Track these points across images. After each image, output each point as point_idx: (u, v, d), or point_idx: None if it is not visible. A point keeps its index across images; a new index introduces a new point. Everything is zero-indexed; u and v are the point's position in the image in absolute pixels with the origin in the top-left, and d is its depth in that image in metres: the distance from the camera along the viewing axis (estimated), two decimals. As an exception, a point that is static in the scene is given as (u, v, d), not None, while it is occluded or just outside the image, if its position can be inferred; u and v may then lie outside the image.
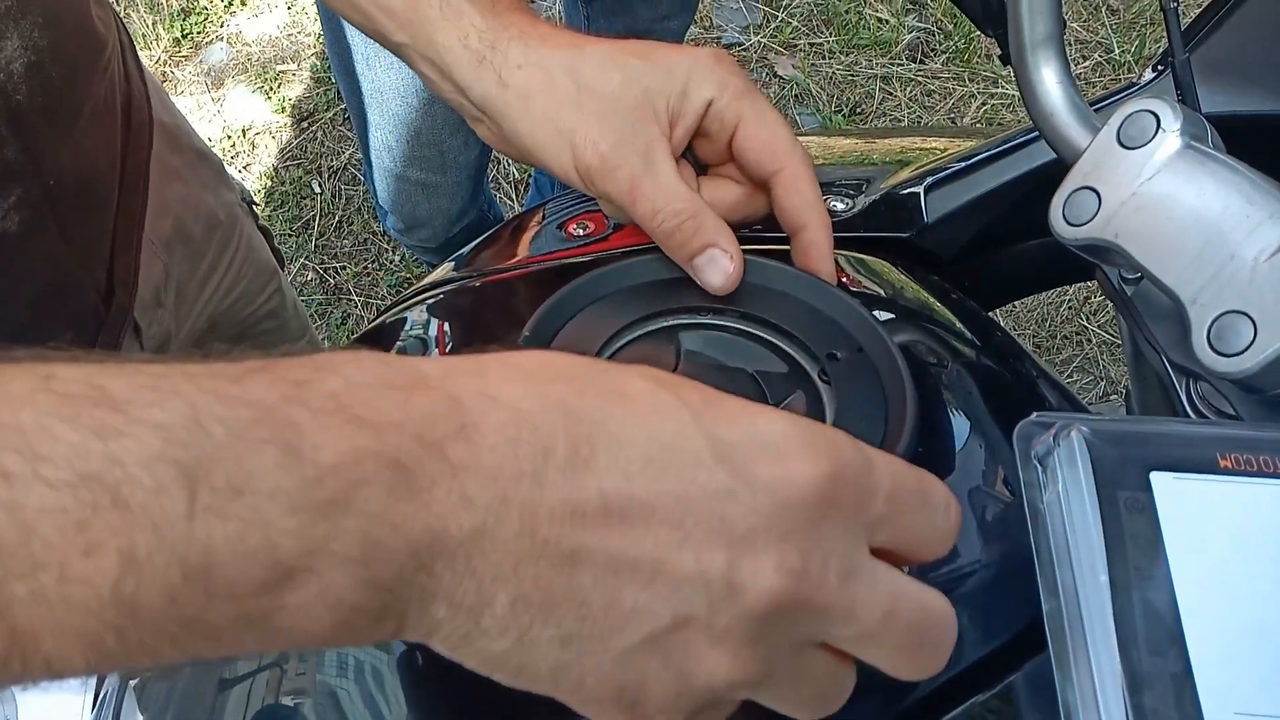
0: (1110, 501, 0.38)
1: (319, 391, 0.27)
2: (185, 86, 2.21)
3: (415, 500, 0.27)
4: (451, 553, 0.28)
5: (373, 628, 0.28)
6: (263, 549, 0.25)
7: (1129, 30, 2.26)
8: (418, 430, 0.28)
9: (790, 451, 0.30)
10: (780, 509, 0.29)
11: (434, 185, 1.39)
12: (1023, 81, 0.51)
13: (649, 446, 0.29)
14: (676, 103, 0.49)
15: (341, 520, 0.26)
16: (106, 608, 0.24)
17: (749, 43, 2.24)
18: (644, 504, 0.29)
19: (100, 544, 0.24)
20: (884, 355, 0.46)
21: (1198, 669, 0.35)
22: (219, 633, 0.26)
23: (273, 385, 0.27)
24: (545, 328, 0.47)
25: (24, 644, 0.24)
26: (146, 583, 0.24)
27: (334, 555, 0.26)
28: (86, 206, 0.65)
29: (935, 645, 0.32)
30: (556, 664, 0.29)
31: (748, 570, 0.29)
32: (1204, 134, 0.46)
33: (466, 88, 0.50)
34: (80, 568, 0.24)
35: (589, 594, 0.29)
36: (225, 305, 0.92)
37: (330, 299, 1.96)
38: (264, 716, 0.51)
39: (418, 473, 0.27)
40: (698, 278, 0.48)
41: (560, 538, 0.28)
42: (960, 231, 0.64)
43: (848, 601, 0.30)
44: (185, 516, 0.25)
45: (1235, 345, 0.41)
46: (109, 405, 0.25)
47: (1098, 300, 1.91)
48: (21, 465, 0.24)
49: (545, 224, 0.66)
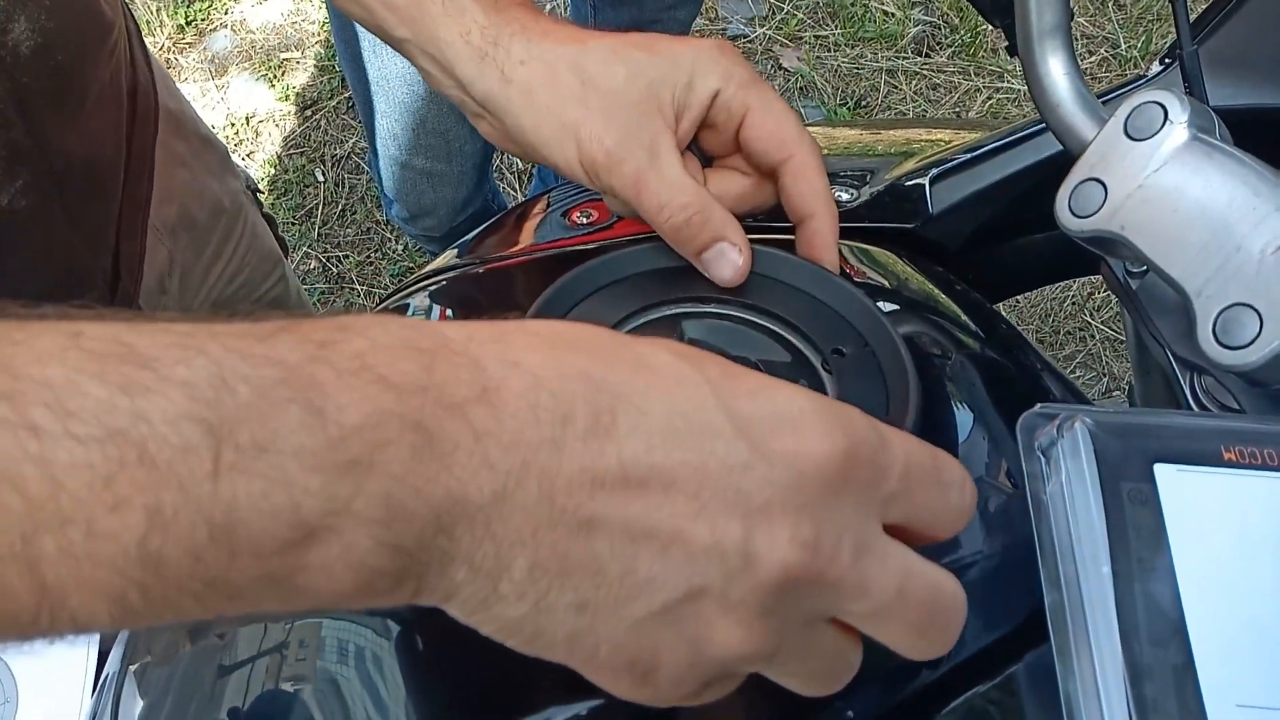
0: (1114, 493, 0.38)
1: (344, 352, 0.27)
2: (189, 73, 2.20)
3: (437, 463, 0.27)
4: (471, 517, 0.28)
5: (393, 589, 0.28)
6: (286, 508, 0.26)
7: (1135, 26, 2.26)
8: (440, 393, 0.28)
9: (807, 426, 0.30)
10: (796, 482, 0.30)
11: (439, 174, 1.39)
12: (1030, 72, 0.51)
13: (669, 417, 0.30)
14: (682, 95, 0.48)
15: (364, 481, 0.26)
16: (132, 564, 0.25)
17: (754, 35, 2.24)
18: (663, 473, 0.29)
19: (127, 500, 0.24)
20: (887, 345, 0.46)
21: (1200, 661, 0.35)
22: (242, 591, 0.26)
23: (298, 345, 0.27)
24: (548, 314, 0.46)
25: (52, 599, 0.25)
26: (172, 540, 0.25)
27: (356, 516, 0.27)
28: (92, 191, 0.65)
29: (945, 625, 0.33)
30: (572, 631, 0.30)
31: (763, 542, 0.29)
32: (1211, 126, 0.45)
33: (469, 84, 0.50)
34: (107, 523, 0.24)
35: (605, 561, 0.29)
36: (229, 293, 0.92)
37: (333, 288, 1.96)
38: (264, 702, 0.51)
39: (440, 436, 0.27)
40: (706, 271, 0.48)
41: (578, 505, 0.29)
42: (965, 223, 0.64)
43: (860, 577, 0.31)
44: (210, 475, 0.25)
45: (1241, 338, 0.41)
46: (136, 362, 0.25)
47: (1101, 296, 1.91)
48: (51, 420, 0.24)
49: (549, 212, 0.66)
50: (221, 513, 0.25)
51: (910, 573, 0.32)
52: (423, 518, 0.27)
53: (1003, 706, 0.42)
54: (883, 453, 0.32)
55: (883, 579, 0.31)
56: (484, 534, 0.28)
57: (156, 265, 0.77)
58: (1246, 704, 0.34)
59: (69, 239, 0.63)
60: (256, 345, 0.27)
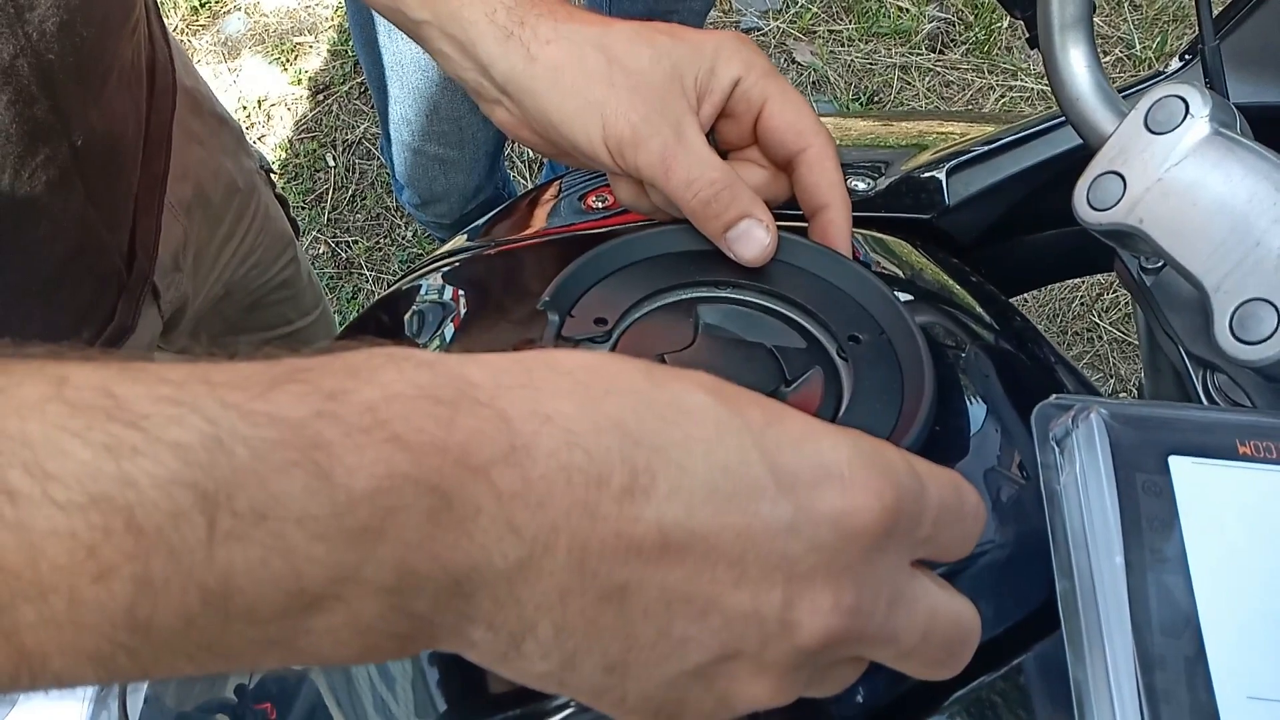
0: (1128, 484, 0.38)
1: (354, 404, 0.25)
2: (202, 56, 2.20)
3: (457, 529, 0.26)
4: (493, 583, 0.26)
5: (403, 648, 0.27)
6: (287, 576, 0.24)
7: (1151, 26, 2.25)
8: (462, 453, 0.26)
9: (853, 481, 0.29)
10: (841, 545, 0.29)
11: (451, 161, 1.39)
12: (1050, 64, 0.51)
13: (711, 474, 0.28)
14: (705, 79, 0.49)
15: (375, 548, 0.25)
16: (119, 630, 0.23)
17: (768, 28, 2.23)
18: (705, 539, 0.28)
19: (113, 569, 0.23)
20: (903, 333, 0.46)
21: (1211, 652, 0.35)
22: (239, 653, 0.25)
23: (303, 397, 0.25)
24: (564, 295, 0.47)
25: (32, 662, 0.23)
26: (162, 606, 0.23)
27: (365, 584, 0.25)
28: (112, 168, 0.65)
29: (961, 654, 0.33)
30: (599, 686, 0.29)
31: (805, 609, 0.29)
32: (1233, 121, 0.45)
33: (490, 63, 0.49)
34: (92, 592, 0.23)
35: (638, 625, 0.28)
36: (241, 273, 0.92)
37: (342, 273, 1.97)
38: (270, 678, 0.51)
39: (460, 499, 0.26)
40: (731, 250, 0.48)
41: (611, 570, 0.27)
42: (981, 216, 0.64)
43: (892, 629, 0.30)
44: (204, 542, 0.23)
45: (1258, 333, 0.41)
46: (124, 419, 0.24)
47: (1110, 297, 1.90)
48: (29, 484, 0.23)
49: (563, 197, 0.66)
50: (216, 580, 0.24)
51: (935, 613, 0.31)
52: (439, 583, 0.26)
53: (1010, 695, 0.42)
54: (921, 500, 0.31)
55: (911, 627, 0.31)
56: (506, 599, 0.27)
57: (171, 242, 0.77)
58: (1258, 696, 0.34)
59: (87, 215, 0.63)
60: (255, 400, 0.25)
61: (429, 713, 0.44)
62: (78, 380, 0.24)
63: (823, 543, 0.28)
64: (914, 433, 0.42)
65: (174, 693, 0.55)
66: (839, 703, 0.40)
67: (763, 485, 0.28)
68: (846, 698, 0.40)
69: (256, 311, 0.98)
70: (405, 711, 0.44)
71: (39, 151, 0.57)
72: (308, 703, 0.48)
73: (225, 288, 0.91)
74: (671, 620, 0.28)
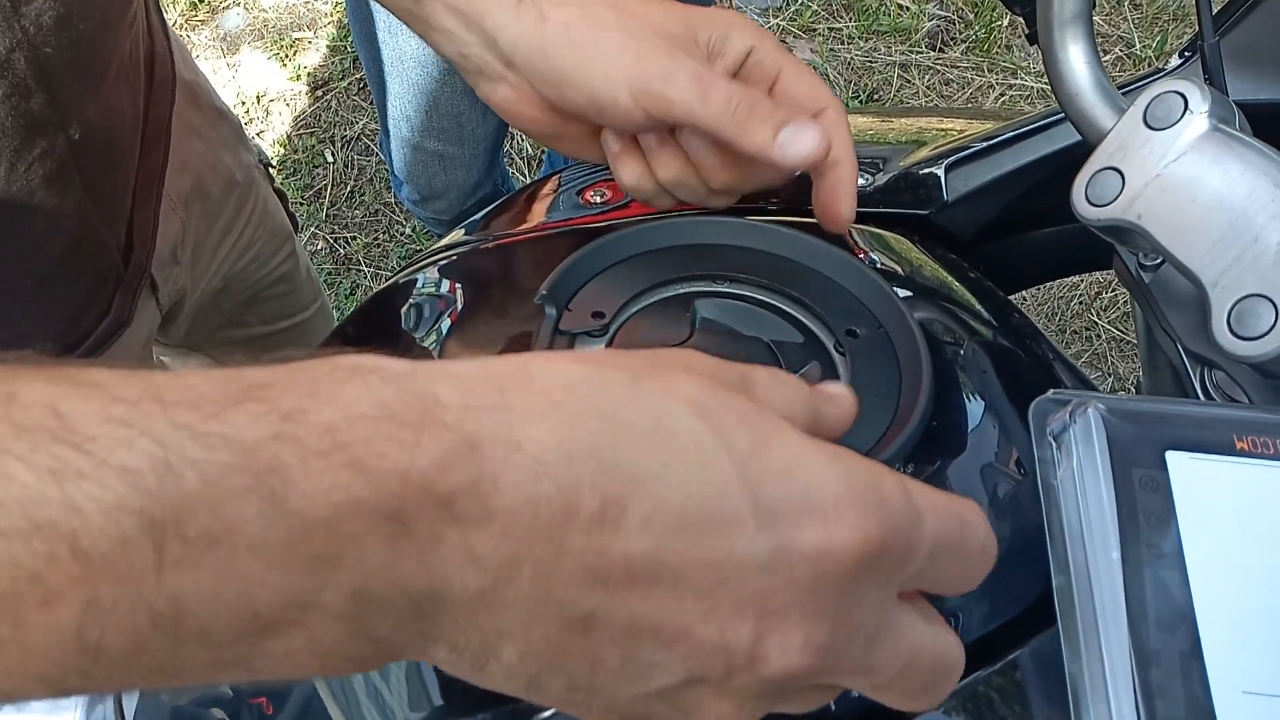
0: (1125, 479, 0.38)
1: (313, 426, 0.24)
2: (201, 51, 2.20)
3: (416, 557, 0.25)
4: (454, 609, 0.26)
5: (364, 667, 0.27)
6: (240, 603, 0.24)
7: (1151, 25, 2.25)
8: (425, 481, 0.25)
9: (839, 514, 0.28)
10: (818, 581, 0.28)
11: (450, 157, 1.39)
12: (1049, 60, 0.51)
13: (686, 507, 0.27)
14: (718, 42, 0.49)
15: (332, 575, 0.24)
16: (69, 654, 0.23)
17: (767, 25, 2.23)
18: (673, 571, 0.27)
19: (59, 594, 0.22)
20: (901, 328, 0.46)
21: (1207, 647, 0.35)
22: (193, 674, 0.25)
23: (259, 418, 0.24)
24: (562, 289, 0.46)
25: None
26: (111, 630, 0.23)
27: (323, 609, 0.25)
28: (110, 161, 0.65)
29: (940, 689, 0.32)
30: (564, 702, 0.29)
31: (774, 645, 0.28)
32: (1231, 117, 0.45)
33: (498, 31, 0.49)
34: (38, 617, 0.22)
35: (603, 651, 0.28)
36: (239, 266, 0.92)
37: (340, 269, 1.96)
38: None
39: (420, 527, 0.25)
40: (784, 156, 0.46)
41: (577, 600, 0.27)
42: (979, 212, 0.63)
43: (868, 664, 0.30)
44: (154, 568, 0.23)
45: (1256, 329, 0.41)
46: (70, 442, 0.23)
47: (1109, 296, 1.90)
48: None
49: (561, 191, 0.66)
50: (166, 605, 0.23)
51: (917, 650, 0.31)
52: (400, 606, 0.25)
53: (1005, 690, 0.42)
54: (914, 533, 0.30)
55: (889, 662, 0.30)
56: (468, 625, 0.26)
57: (170, 235, 0.77)
58: (1253, 691, 0.34)
59: (84, 207, 0.63)
60: (211, 420, 0.24)
61: (424, 706, 0.44)
62: (26, 398, 0.24)
63: (799, 580, 0.28)
64: (911, 428, 0.42)
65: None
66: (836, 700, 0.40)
67: (740, 518, 0.27)
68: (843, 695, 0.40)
69: (254, 305, 0.98)
70: (400, 705, 0.44)
71: (35, 145, 0.56)
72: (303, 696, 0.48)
73: (223, 281, 0.91)
74: (638, 647, 0.28)
